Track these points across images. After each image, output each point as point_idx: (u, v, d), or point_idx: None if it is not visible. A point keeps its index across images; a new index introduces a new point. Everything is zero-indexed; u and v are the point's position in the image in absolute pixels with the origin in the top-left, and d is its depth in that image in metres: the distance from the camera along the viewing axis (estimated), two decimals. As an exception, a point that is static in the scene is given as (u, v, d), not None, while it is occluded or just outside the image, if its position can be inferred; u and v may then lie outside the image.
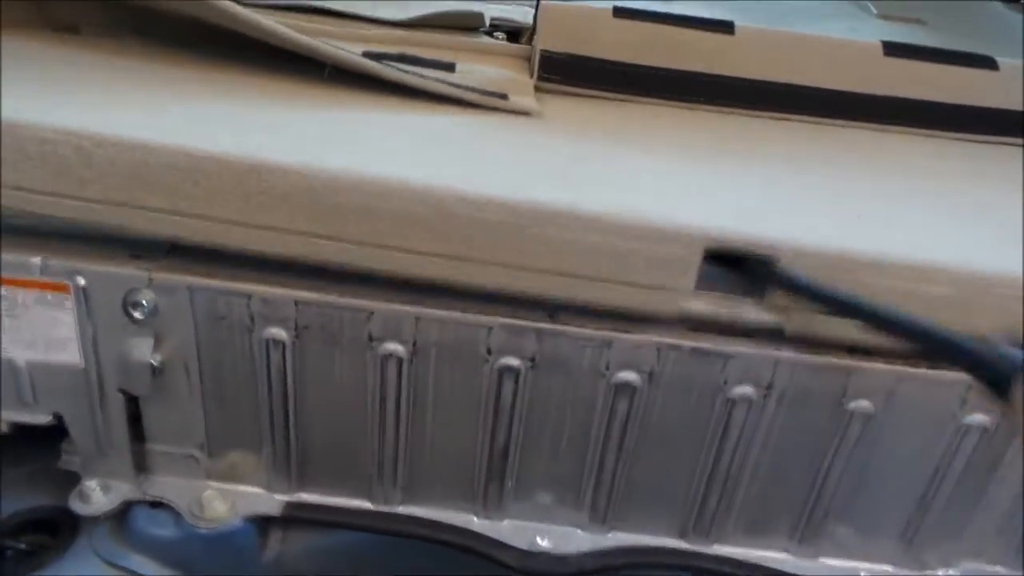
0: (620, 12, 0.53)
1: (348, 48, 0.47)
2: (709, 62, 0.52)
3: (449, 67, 0.50)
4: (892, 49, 0.55)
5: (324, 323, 0.41)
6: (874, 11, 0.75)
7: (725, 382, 0.41)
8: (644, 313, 0.39)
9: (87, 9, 0.50)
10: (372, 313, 0.40)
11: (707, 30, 0.53)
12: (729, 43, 0.53)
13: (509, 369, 0.42)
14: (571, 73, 0.52)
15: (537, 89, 0.52)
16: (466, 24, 0.59)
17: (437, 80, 0.47)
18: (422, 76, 0.47)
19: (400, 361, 0.42)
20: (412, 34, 0.56)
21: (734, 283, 0.39)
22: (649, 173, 0.44)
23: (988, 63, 0.54)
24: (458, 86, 0.47)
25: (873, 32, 0.68)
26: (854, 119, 0.53)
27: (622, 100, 0.52)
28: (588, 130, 0.49)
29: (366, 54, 0.48)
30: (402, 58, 0.49)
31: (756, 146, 0.50)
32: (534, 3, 0.58)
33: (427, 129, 0.44)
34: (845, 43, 0.56)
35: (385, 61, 0.47)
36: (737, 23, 0.54)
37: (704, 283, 0.39)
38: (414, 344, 0.41)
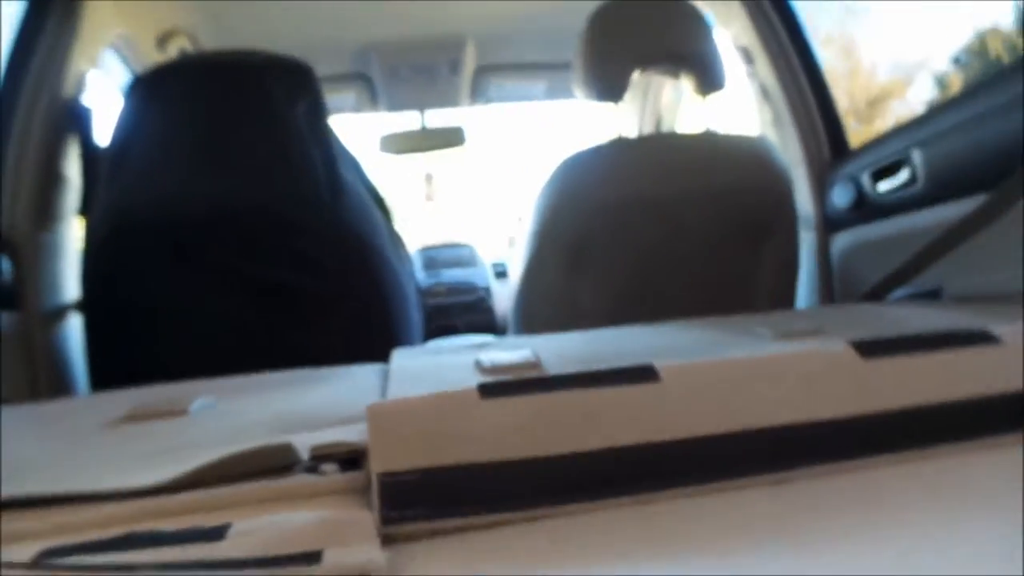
0: (490, 390, 0.34)
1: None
2: (631, 429, 0.34)
3: (216, 533, 0.28)
4: (867, 349, 0.39)
5: None
6: (769, 335, 0.66)
7: None
8: None
9: None
10: None
11: (623, 383, 0.36)
12: (655, 393, 0.36)
13: None
14: (431, 498, 0.31)
15: (387, 538, 0.30)
16: (269, 464, 0.37)
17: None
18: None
19: None
20: (169, 500, 0.33)
21: None
22: None
23: (984, 338, 0.40)
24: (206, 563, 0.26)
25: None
26: (834, 458, 0.35)
27: (514, 522, 0.31)
28: None
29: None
30: (126, 540, 0.28)
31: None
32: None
33: None
34: (813, 356, 0.40)
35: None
36: (655, 363, 0.36)
37: None
38: None
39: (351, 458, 0.39)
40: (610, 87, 1.18)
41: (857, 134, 1.63)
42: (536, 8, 1.82)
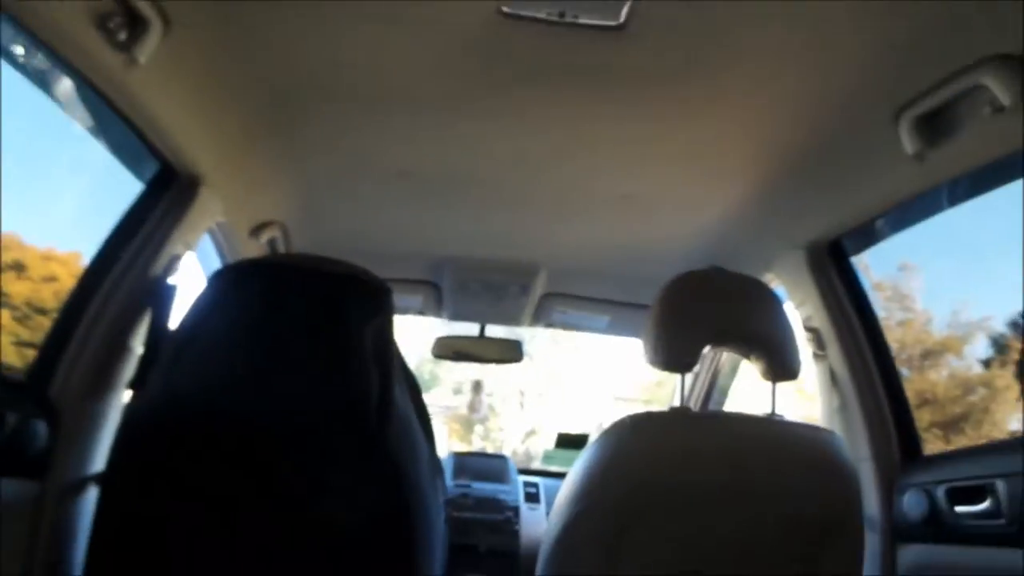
0: None
1: None
2: None
3: None
4: None
5: None
6: None
7: None
8: None
9: None
10: None
11: None
12: None
13: None
14: None
15: None
16: None
17: None
18: None
19: None
20: None
21: None
22: None
23: None
24: None
25: None
26: None
27: None
28: None
29: None
30: None
31: None
32: None
33: None
34: None
35: None
36: None
37: None
38: None
39: None
40: (679, 361, 1.16)
41: (910, 382, 1.57)
42: (609, 250, 1.89)
